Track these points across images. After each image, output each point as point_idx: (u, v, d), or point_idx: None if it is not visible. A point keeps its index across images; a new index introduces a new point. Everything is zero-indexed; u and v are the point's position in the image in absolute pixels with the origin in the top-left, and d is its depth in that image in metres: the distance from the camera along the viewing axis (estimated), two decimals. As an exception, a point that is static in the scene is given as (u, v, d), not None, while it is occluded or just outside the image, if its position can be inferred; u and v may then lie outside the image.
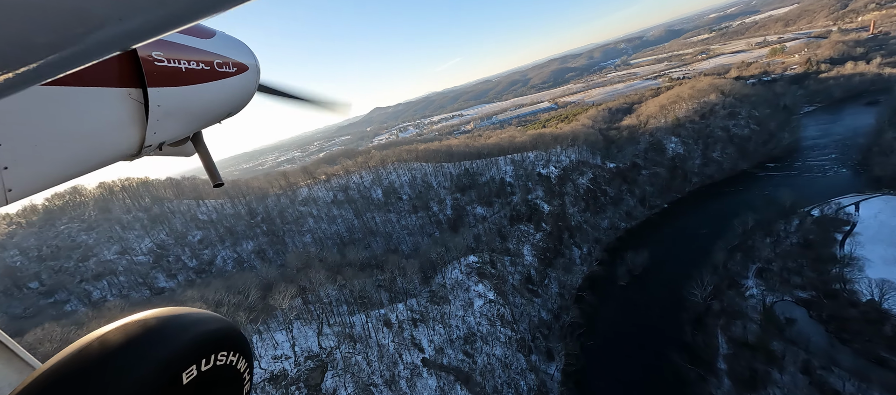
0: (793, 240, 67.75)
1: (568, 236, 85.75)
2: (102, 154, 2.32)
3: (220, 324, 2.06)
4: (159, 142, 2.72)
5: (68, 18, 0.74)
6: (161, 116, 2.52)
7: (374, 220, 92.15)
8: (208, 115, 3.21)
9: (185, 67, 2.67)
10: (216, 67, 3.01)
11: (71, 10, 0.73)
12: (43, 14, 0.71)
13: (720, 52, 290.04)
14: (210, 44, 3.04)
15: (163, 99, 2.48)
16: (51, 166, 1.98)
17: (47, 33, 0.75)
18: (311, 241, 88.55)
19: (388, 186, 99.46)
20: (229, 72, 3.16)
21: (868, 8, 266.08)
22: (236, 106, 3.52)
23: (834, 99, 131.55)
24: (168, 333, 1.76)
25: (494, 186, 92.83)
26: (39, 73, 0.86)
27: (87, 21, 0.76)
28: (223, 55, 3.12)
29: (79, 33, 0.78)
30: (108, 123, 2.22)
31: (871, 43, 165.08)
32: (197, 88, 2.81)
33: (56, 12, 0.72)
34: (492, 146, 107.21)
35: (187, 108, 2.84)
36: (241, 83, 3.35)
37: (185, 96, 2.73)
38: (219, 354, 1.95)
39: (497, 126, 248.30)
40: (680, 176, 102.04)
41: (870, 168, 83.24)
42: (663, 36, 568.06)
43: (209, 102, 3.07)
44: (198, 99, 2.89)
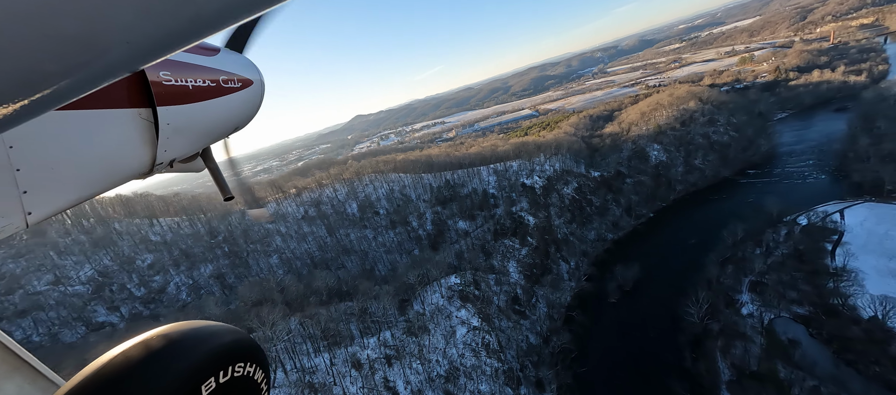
0: (783, 250, 65.86)
1: (555, 249, 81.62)
2: (116, 174, 2.36)
3: (236, 336, 2.08)
4: (170, 159, 2.76)
5: (77, 45, 0.77)
6: (171, 134, 2.56)
7: (348, 237, 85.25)
8: (216, 130, 3.23)
9: (192, 85, 2.72)
10: (222, 83, 3.03)
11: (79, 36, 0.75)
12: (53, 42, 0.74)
13: (692, 61, 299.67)
14: (215, 61, 3.09)
15: (172, 117, 2.53)
16: (68, 188, 2.04)
17: (59, 61, 0.78)
18: (279, 262, 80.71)
19: (364, 199, 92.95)
20: (235, 87, 3.18)
21: (825, 20, 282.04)
22: (243, 120, 3.52)
23: (805, 105, 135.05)
24: (187, 346, 1.80)
25: (477, 198, 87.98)
26: (53, 98, 0.88)
27: (95, 46, 0.79)
28: (228, 71, 3.14)
29: (88, 58, 0.81)
30: (120, 144, 2.29)
31: (833, 52, 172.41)
32: (204, 104, 2.85)
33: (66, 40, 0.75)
34: (473, 156, 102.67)
35: (196, 125, 2.88)
36: (246, 98, 3.36)
37: (193, 114, 2.76)
38: (236, 365, 1.97)
39: (479, 133, 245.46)
40: (664, 184, 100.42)
41: (848, 174, 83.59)
42: (637, 45, 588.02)
43: (217, 118, 3.11)
44: (205, 115, 2.93)
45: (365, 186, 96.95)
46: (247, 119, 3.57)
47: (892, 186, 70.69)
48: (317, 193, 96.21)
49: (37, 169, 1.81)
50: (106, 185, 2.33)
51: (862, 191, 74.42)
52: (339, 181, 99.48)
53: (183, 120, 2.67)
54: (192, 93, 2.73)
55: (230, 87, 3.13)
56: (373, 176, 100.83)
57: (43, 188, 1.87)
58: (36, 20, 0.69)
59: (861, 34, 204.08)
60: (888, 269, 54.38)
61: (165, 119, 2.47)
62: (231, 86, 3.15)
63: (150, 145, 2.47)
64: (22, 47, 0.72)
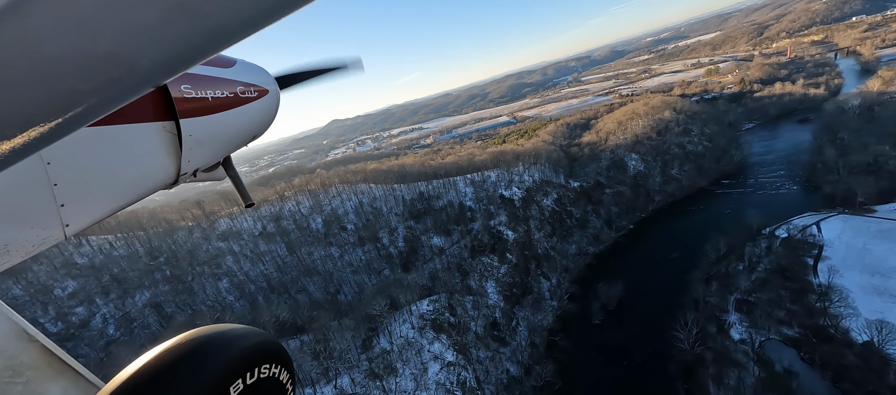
0: (766, 265, 64.15)
1: (535, 266, 76.97)
2: (145, 185, 2.47)
3: (261, 338, 2.12)
4: (194, 169, 2.86)
5: (106, 63, 0.82)
6: (193, 145, 2.65)
7: (311, 256, 76.94)
8: (236, 139, 3.34)
9: (212, 97, 2.80)
10: (239, 93, 3.12)
11: (108, 55, 0.81)
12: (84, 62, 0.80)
13: (661, 72, 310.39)
14: (232, 72, 3.15)
15: (194, 129, 2.62)
16: (101, 200, 2.16)
17: (89, 79, 0.83)
18: (229, 286, 71.22)
19: (331, 213, 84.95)
20: (252, 97, 3.27)
21: (780, 36, 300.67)
22: (261, 128, 3.62)
23: (770, 117, 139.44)
24: (216, 349, 1.86)
25: (453, 211, 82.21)
26: (85, 115, 0.93)
27: (122, 64, 0.84)
28: (245, 82, 3.23)
29: (116, 76, 0.86)
30: (148, 156, 2.40)
31: (791, 66, 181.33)
32: (224, 115, 2.94)
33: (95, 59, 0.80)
34: (449, 166, 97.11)
35: (216, 135, 2.96)
36: (263, 106, 3.46)
37: (213, 124, 2.84)
38: (262, 367, 2.03)
39: (457, 140, 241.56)
40: (643, 194, 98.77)
41: (819, 186, 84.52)
42: (608, 56, 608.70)
43: (236, 128, 3.21)
44: (225, 125, 3.01)
45: (332, 198, 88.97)
46: (264, 127, 3.67)
47: (863, 199, 71.07)
48: (277, 207, 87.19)
49: (73, 183, 1.92)
50: (136, 196, 2.42)
51: (835, 203, 74.66)
52: (303, 193, 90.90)
53: (204, 131, 2.74)
54: (212, 104, 2.80)
55: (247, 96, 3.20)
56: (341, 187, 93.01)
57: (79, 201, 1.98)
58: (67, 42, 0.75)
59: (814, 50, 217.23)
60: (872, 285, 53.06)
61: (188, 131, 2.56)
62: (248, 96, 3.22)
63: (174, 157, 2.56)
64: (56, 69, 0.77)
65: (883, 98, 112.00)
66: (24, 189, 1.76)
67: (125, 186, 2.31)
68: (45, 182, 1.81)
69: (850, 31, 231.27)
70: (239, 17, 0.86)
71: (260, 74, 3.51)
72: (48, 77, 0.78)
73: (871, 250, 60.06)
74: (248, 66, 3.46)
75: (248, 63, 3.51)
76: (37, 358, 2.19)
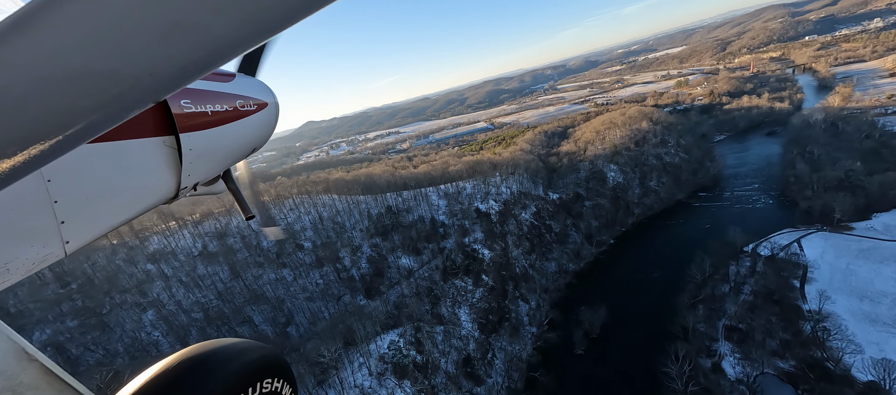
0: (752, 286, 61.03)
1: (513, 287, 70.70)
2: (145, 200, 2.45)
3: (264, 352, 2.13)
4: (193, 183, 2.84)
5: (106, 80, 0.83)
6: (193, 159, 2.65)
7: (259, 280, 66.87)
8: (235, 153, 3.33)
9: (212, 111, 2.80)
10: (239, 107, 3.12)
11: (108, 72, 0.82)
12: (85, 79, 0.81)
13: (634, 82, 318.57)
14: (231, 86, 3.18)
15: (194, 143, 2.61)
16: (102, 217, 2.13)
17: (90, 96, 0.84)
18: (155, 320, 59.96)
19: (285, 229, 75.06)
20: (251, 110, 3.27)
21: (741, 52, 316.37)
22: (260, 141, 3.61)
23: (739, 129, 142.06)
24: (219, 364, 1.87)
25: (424, 227, 74.67)
26: (86, 132, 0.94)
27: (122, 80, 0.85)
28: (244, 95, 3.23)
29: (116, 92, 0.87)
30: (148, 171, 2.39)
31: (755, 80, 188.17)
32: (223, 129, 2.93)
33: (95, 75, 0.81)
34: (421, 176, 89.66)
35: (216, 149, 2.96)
36: (262, 120, 3.45)
37: (213, 138, 2.84)
38: (264, 381, 2.04)
39: (434, 145, 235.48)
40: (623, 207, 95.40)
41: (794, 200, 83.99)
42: (583, 65, 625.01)
43: (235, 141, 3.20)
44: (225, 139, 3.01)
45: (288, 211, 79.07)
46: (263, 140, 3.66)
47: (840, 216, 70.02)
48: (223, 222, 76.25)
49: (73, 200, 1.90)
50: (136, 211, 2.40)
51: (813, 219, 73.46)
52: (254, 205, 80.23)
53: (204, 145, 2.74)
54: (212, 118, 2.80)
55: (246, 110, 3.21)
56: (300, 198, 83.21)
57: (79, 218, 1.95)
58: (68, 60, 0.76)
59: (773, 65, 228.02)
60: (862, 312, 50.33)
61: (188, 145, 2.55)
62: (247, 109, 3.22)
63: (174, 171, 2.56)
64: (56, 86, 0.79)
65: (844, 113, 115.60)
66: (24, 207, 1.75)
67: (125, 202, 2.28)
68: (45, 199, 1.80)
69: (805, 50, 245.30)
70: (237, 32, 0.87)
71: (259, 88, 3.51)
72: (49, 94, 0.80)
73: (855, 271, 58.04)
74: (247, 79, 3.45)
75: (247, 77, 3.48)
76: (36, 378, 2.16)
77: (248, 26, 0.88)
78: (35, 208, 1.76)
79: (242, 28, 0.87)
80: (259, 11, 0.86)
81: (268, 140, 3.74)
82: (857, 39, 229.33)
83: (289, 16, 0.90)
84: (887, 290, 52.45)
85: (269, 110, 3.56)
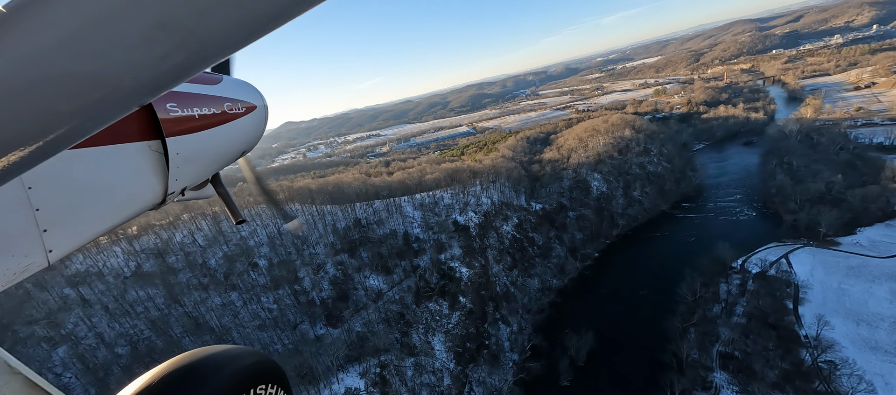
0: (743, 307, 57.56)
1: (494, 308, 64.71)
2: (131, 206, 2.42)
3: (256, 358, 2.08)
4: (181, 188, 2.80)
5: (88, 84, 0.80)
6: (181, 163, 2.60)
7: (202, 306, 57.82)
8: (224, 156, 3.29)
9: (199, 114, 2.76)
10: (227, 110, 3.08)
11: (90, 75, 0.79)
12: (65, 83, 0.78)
13: (613, 90, 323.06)
14: (218, 89, 3.12)
15: (181, 147, 2.57)
16: (86, 224, 2.10)
17: (71, 100, 0.81)
18: (67, 358, 49.98)
19: (237, 245, 66.26)
20: (239, 113, 3.22)
21: (714, 63, 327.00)
22: (249, 144, 3.57)
23: (717, 138, 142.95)
24: (211, 371, 1.82)
25: (396, 242, 67.64)
26: (67, 137, 0.91)
27: (104, 84, 0.82)
28: (232, 98, 3.19)
29: (98, 96, 0.84)
30: (133, 176, 2.35)
31: (729, 90, 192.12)
32: (211, 132, 2.89)
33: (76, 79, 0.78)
34: (396, 184, 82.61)
35: (204, 152, 2.93)
36: (251, 122, 3.40)
37: (201, 142, 2.80)
38: (258, 387, 1.99)
39: (415, 149, 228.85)
40: (607, 218, 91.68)
41: (776, 213, 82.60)
42: (563, 72, 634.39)
43: (224, 144, 3.16)
44: (213, 143, 2.97)
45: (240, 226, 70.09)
46: (252, 143, 3.61)
47: (826, 230, 68.24)
48: (165, 236, 66.54)
49: (55, 207, 1.87)
50: (121, 217, 2.36)
51: (798, 233, 71.55)
52: (204, 216, 70.95)
53: (192, 149, 2.70)
54: (199, 122, 2.74)
55: (235, 113, 3.15)
56: (258, 208, 74.31)
57: (62, 226, 1.91)
58: (48, 62, 0.74)
59: (745, 77, 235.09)
60: (861, 338, 47.25)
61: (175, 149, 2.51)
62: (235, 112, 3.17)
63: (161, 176, 2.51)
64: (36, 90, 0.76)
65: (817, 124, 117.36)
66: (4, 215, 1.69)
67: (111, 209, 2.24)
68: (26, 207, 1.76)
69: (774, 62, 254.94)
70: (223, 34, 0.85)
71: (247, 90, 3.43)
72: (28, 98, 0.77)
73: (847, 290, 55.49)
74: (235, 82, 3.37)
75: (235, 79, 3.41)
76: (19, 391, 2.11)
77: (235, 28, 0.86)
78: (15, 216, 1.72)
79: (228, 30, 0.85)
80: (245, 13, 0.84)
81: (257, 143, 3.65)
82: (820, 54, 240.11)
83: (275, 17, 0.88)
84: (882, 312, 49.81)
85: (258, 113, 3.49)
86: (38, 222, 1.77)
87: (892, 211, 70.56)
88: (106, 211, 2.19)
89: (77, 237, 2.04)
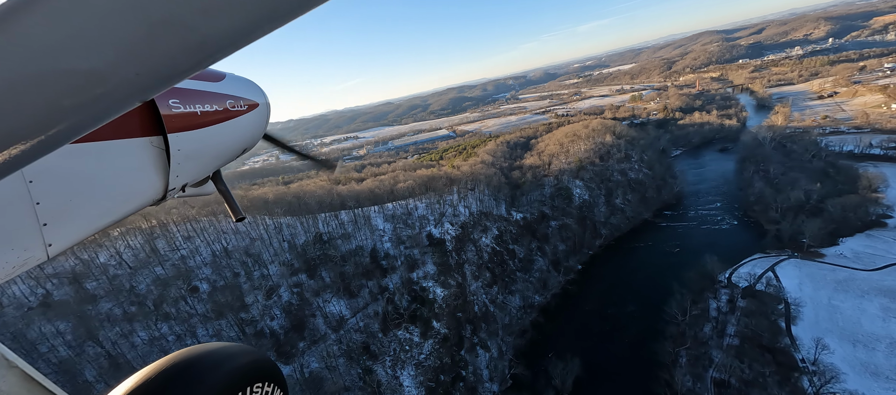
0: (735, 326, 54.15)
1: (471, 331, 58.60)
2: (131, 201, 2.42)
3: (254, 356, 2.08)
4: (182, 184, 2.81)
5: (91, 79, 0.80)
6: (182, 160, 2.61)
7: (126, 341, 48.35)
8: (225, 153, 3.29)
9: (201, 111, 2.75)
10: (229, 107, 3.07)
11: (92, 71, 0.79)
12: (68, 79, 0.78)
13: (591, 95, 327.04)
14: (221, 86, 3.10)
15: (182, 143, 2.58)
16: (86, 219, 2.10)
17: (73, 96, 0.81)
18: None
19: (175, 266, 56.94)
20: (241, 110, 3.21)
21: (685, 71, 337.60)
22: (250, 142, 3.59)
23: (693, 144, 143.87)
24: (206, 368, 1.82)
25: (362, 260, 60.39)
26: (70, 132, 0.91)
27: (107, 79, 0.82)
28: (234, 95, 3.17)
29: (101, 91, 0.84)
30: (134, 172, 2.36)
31: (703, 97, 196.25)
32: (213, 129, 2.89)
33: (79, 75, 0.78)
34: (365, 193, 75.29)
35: (205, 149, 2.93)
36: (253, 120, 3.41)
37: (202, 139, 2.80)
38: (254, 385, 1.99)
39: (392, 152, 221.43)
40: (590, 228, 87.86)
41: (757, 221, 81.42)
42: (542, 77, 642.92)
43: (225, 142, 3.16)
44: (215, 140, 2.98)
45: (182, 241, 60.78)
46: (254, 140, 3.62)
47: (809, 241, 66.61)
48: (87, 256, 56.27)
49: (56, 201, 1.87)
50: (121, 213, 2.36)
51: (782, 244, 69.75)
52: (136, 232, 61.03)
53: (193, 146, 2.70)
54: (201, 119, 2.75)
55: (237, 110, 3.15)
56: (205, 222, 65.07)
57: (62, 220, 1.92)
58: (52, 58, 0.74)
59: (716, 84, 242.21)
60: (859, 362, 44.38)
61: (176, 146, 2.51)
62: (237, 109, 3.16)
63: (162, 172, 2.52)
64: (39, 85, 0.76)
65: (788, 132, 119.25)
66: (4, 209, 1.70)
67: (111, 204, 2.24)
68: (26, 201, 1.76)
69: (741, 71, 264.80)
70: (226, 32, 0.85)
71: (249, 88, 3.43)
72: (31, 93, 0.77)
73: (838, 307, 53.11)
74: (237, 79, 3.36)
75: (237, 76, 3.41)
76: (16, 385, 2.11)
77: (238, 26, 0.85)
78: (16, 209, 1.73)
79: (231, 28, 0.85)
80: (249, 11, 0.83)
81: (258, 140, 3.66)
82: (784, 64, 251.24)
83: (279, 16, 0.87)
84: (877, 332, 47.36)
85: (260, 111, 3.49)
86: (39, 215, 1.78)
87: (871, 221, 70.02)
88: (106, 206, 2.18)
89: (77, 232, 2.03)
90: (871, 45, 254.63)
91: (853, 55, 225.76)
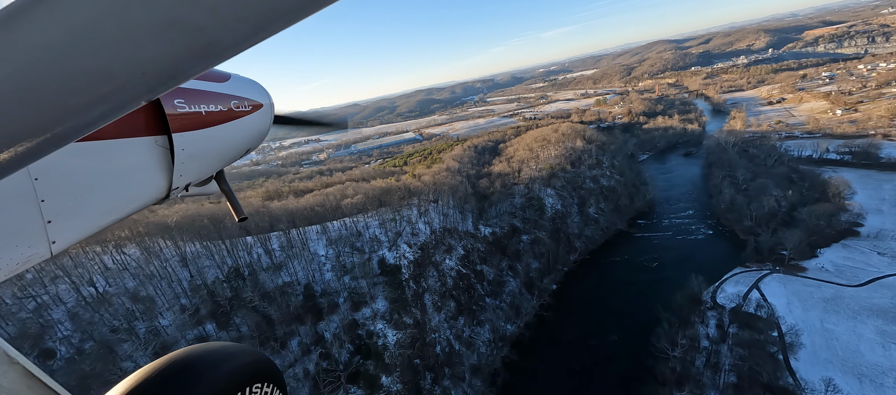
0: (728, 358, 47.93)
1: (432, 380, 48.06)
2: (135, 200, 2.43)
3: (252, 357, 2.06)
4: (186, 183, 2.81)
5: (98, 78, 0.81)
6: (186, 160, 2.63)
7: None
8: (229, 153, 3.30)
9: (206, 111, 2.77)
10: (233, 108, 3.08)
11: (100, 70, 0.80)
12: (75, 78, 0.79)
13: (557, 99, 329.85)
14: (226, 87, 3.12)
15: (187, 143, 2.59)
16: (90, 216, 2.12)
17: (80, 94, 0.82)
18: None
19: (21, 321, 41.18)
20: (245, 111, 3.23)
21: (644, 77, 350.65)
22: (254, 142, 3.60)
23: (659, 148, 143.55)
24: (206, 368, 1.81)
25: (292, 300, 47.81)
26: (76, 130, 0.92)
27: (114, 78, 0.83)
28: (239, 96, 3.19)
29: (108, 90, 0.85)
30: (138, 171, 2.37)
31: (662, 102, 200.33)
32: (217, 129, 2.90)
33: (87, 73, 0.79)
34: (302, 211, 62.36)
35: (210, 149, 2.94)
36: (257, 121, 3.43)
37: (207, 139, 2.81)
38: (254, 386, 1.97)
39: (355, 156, 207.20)
40: (563, 241, 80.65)
41: (731, 230, 78.24)
42: (509, 81, 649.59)
43: (229, 142, 3.17)
44: (219, 140, 2.98)
45: (40, 285, 44.84)
46: (258, 141, 3.64)
47: (789, 254, 62.98)
48: None
49: (61, 199, 1.88)
50: (125, 211, 2.36)
51: (762, 257, 65.85)
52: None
53: (197, 145, 2.71)
54: (206, 118, 2.76)
55: (241, 111, 3.16)
56: (91, 252, 49.17)
57: (66, 217, 1.93)
58: (59, 57, 0.75)
59: (673, 90, 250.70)
60: (870, 401, 38.77)
61: (181, 145, 2.53)
62: (242, 110, 3.17)
63: (166, 171, 2.54)
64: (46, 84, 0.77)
65: (747, 136, 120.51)
66: (9, 205, 1.71)
67: (115, 202, 2.25)
68: (31, 198, 1.77)
69: (695, 78, 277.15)
70: (233, 32, 0.86)
71: (254, 89, 3.45)
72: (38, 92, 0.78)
73: (832, 331, 48.44)
74: (242, 80, 3.38)
75: (242, 77, 3.44)
76: (17, 381, 2.12)
77: (244, 27, 0.86)
78: (21, 206, 1.74)
79: (238, 29, 0.85)
80: (255, 12, 0.83)
81: (262, 141, 3.66)
82: (732, 72, 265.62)
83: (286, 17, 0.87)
84: (881, 363, 42.64)
85: (264, 111, 3.51)
86: (43, 212, 1.79)
87: (844, 230, 68.04)
88: (110, 204, 2.19)
89: (81, 229, 2.04)
90: (805, 56, 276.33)
91: (793, 64, 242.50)
